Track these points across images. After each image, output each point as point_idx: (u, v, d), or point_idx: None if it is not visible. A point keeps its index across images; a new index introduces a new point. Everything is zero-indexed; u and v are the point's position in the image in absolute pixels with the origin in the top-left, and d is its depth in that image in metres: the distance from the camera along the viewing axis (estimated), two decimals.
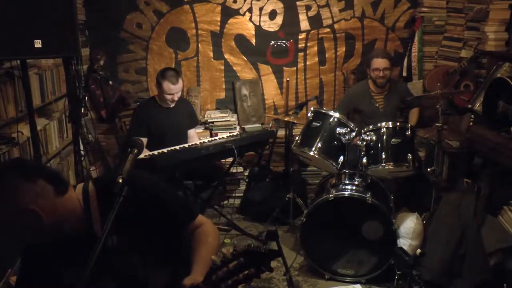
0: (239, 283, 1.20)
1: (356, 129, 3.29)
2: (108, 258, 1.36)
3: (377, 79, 3.76)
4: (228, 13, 4.47)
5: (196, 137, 3.97)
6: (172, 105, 3.69)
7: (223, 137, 3.84)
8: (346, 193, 3.06)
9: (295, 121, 3.88)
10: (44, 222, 1.32)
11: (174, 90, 3.58)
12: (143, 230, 1.47)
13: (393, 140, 3.19)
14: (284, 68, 4.64)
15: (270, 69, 4.63)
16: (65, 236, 1.40)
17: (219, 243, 1.54)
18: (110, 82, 4.32)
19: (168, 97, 3.60)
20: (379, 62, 3.73)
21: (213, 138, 3.86)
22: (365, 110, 3.86)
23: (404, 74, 4.49)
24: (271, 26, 4.52)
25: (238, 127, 4.40)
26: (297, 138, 3.47)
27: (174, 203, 1.58)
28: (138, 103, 4.10)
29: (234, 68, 4.61)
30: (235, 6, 4.46)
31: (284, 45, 4.57)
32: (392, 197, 3.32)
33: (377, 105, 3.85)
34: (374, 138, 3.21)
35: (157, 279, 1.50)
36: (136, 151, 1.45)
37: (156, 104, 3.72)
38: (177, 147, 3.40)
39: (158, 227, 1.48)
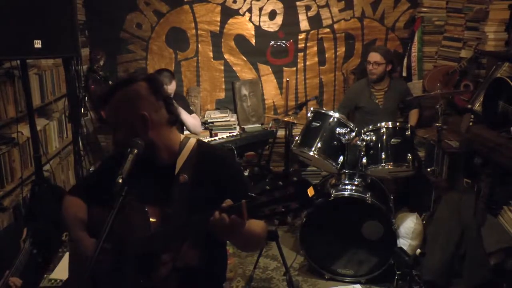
0: (276, 214, 1.22)
1: (356, 129, 3.29)
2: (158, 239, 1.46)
3: (369, 73, 3.81)
4: (228, 13, 4.47)
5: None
6: None
7: (223, 137, 3.84)
8: (346, 193, 3.06)
9: (295, 121, 3.88)
10: (148, 133, 1.50)
11: (167, 89, 3.58)
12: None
13: (393, 140, 3.19)
14: (284, 68, 4.64)
15: (270, 69, 4.63)
16: (150, 162, 1.54)
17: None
18: (110, 82, 4.32)
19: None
20: (371, 55, 3.78)
21: (213, 138, 3.87)
22: (365, 106, 3.86)
23: (404, 74, 4.50)
24: (271, 26, 4.52)
25: (238, 127, 4.40)
26: (297, 138, 3.47)
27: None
28: None
29: (234, 68, 4.61)
30: (235, 6, 4.46)
31: (284, 45, 4.57)
32: (392, 197, 3.32)
33: (377, 101, 3.86)
34: (374, 138, 3.21)
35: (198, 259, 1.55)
36: (136, 151, 1.46)
37: None
38: None
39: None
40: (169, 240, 1.48)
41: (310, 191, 1.17)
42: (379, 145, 3.21)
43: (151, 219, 1.48)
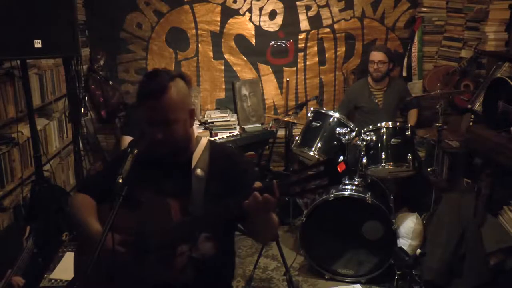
0: (306, 192, 1.33)
1: (356, 129, 3.29)
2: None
3: (373, 72, 3.81)
4: (228, 13, 4.47)
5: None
6: None
7: (223, 137, 3.84)
8: (346, 193, 3.06)
9: (295, 121, 3.88)
10: (190, 125, 1.63)
11: None
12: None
13: (393, 140, 3.19)
14: (284, 68, 4.64)
15: (270, 69, 4.63)
16: (168, 157, 1.61)
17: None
18: (110, 82, 4.32)
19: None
20: (375, 55, 3.79)
21: (213, 138, 3.87)
22: (364, 106, 3.87)
23: (404, 74, 4.50)
24: (271, 26, 4.52)
25: (238, 127, 4.39)
26: (297, 138, 3.47)
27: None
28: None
29: (234, 68, 4.61)
30: (235, 6, 4.46)
31: (284, 45, 4.57)
32: (392, 197, 3.32)
33: (376, 101, 3.86)
34: (374, 138, 3.21)
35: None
36: (136, 151, 1.47)
37: None
38: None
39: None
40: (191, 230, 1.55)
41: (341, 166, 1.28)
42: (379, 145, 3.21)
43: (172, 211, 1.54)
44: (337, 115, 3.31)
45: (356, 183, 3.17)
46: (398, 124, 3.32)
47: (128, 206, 1.45)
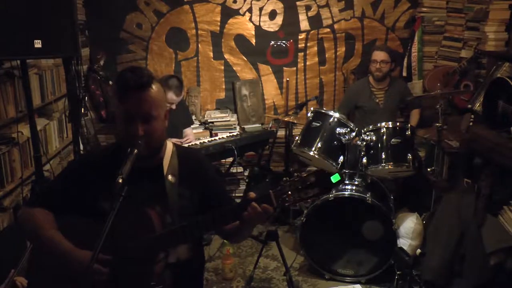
0: (300, 200, 1.45)
1: (356, 129, 3.29)
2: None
3: (374, 72, 3.82)
4: (228, 13, 4.47)
5: (192, 135, 3.95)
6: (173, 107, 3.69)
7: (223, 137, 3.84)
8: (346, 193, 3.06)
9: (295, 121, 3.88)
10: (165, 126, 1.60)
11: (176, 101, 3.60)
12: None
13: (393, 140, 3.19)
14: (284, 68, 4.64)
15: (270, 69, 4.63)
16: (145, 157, 1.53)
17: None
18: (110, 82, 4.32)
19: (168, 104, 3.59)
20: (377, 54, 3.81)
21: (213, 138, 3.87)
22: (365, 105, 3.87)
23: (404, 74, 4.50)
24: (271, 26, 4.52)
25: (238, 127, 4.40)
26: (297, 138, 3.47)
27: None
28: None
29: (234, 68, 4.61)
30: (235, 6, 4.46)
31: (284, 45, 4.57)
32: (392, 197, 3.32)
33: (377, 100, 3.86)
34: (374, 138, 3.21)
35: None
36: (136, 151, 1.46)
37: None
38: None
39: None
40: (175, 240, 1.52)
41: (335, 178, 1.42)
42: (379, 145, 3.21)
43: (154, 221, 1.50)
44: (337, 115, 3.31)
45: (356, 183, 3.17)
46: (398, 124, 3.32)
47: (102, 218, 1.34)
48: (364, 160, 3.18)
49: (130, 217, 1.45)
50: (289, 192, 1.44)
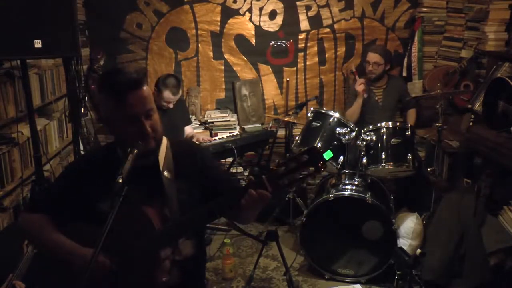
0: (295, 181, 1.41)
1: (356, 129, 3.29)
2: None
3: (367, 73, 3.85)
4: (228, 13, 4.47)
5: (195, 133, 3.95)
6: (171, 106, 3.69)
7: (223, 137, 3.84)
8: (346, 193, 3.06)
9: (295, 121, 3.88)
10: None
11: (173, 99, 3.59)
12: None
13: (393, 140, 3.19)
14: (284, 68, 4.64)
15: (270, 69, 4.63)
16: (146, 154, 1.52)
17: None
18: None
19: (165, 103, 3.59)
20: (370, 56, 3.83)
21: (213, 138, 3.87)
22: (364, 103, 3.87)
23: (404, 74, 4.50)
24: (271, 26, 4.52)
25: (238, 127, 4.40)
26: (297, 138, 3.47)
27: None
28: None
29: (234, 68, 4.61)
30: (235, 6, 4.46)
31: (284, 45, 4.57)
32: (392, 197, 3.32)
33: (376, 98, 3.87)
34: (374, 138, 3.21)
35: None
36: (136, 151, 1.46)
37: None
38: None
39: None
40: (175, 236, 1.52)
41: (328, 155, 1.33)
42: (379, 145, 3.21)
43: (153, 220, 1.49)
44: (337, 115, 3.31)
45: (356, 183, 3.17)
46: (398, 124, 3.33)
47: (102, 219, 1.33)
48: (364, 160, 3.18)
49: (129, 216, 1.44)
50: (284, 175, 1.40)
